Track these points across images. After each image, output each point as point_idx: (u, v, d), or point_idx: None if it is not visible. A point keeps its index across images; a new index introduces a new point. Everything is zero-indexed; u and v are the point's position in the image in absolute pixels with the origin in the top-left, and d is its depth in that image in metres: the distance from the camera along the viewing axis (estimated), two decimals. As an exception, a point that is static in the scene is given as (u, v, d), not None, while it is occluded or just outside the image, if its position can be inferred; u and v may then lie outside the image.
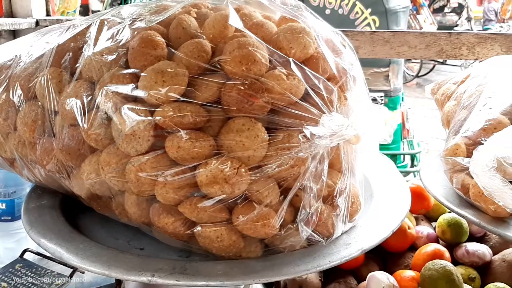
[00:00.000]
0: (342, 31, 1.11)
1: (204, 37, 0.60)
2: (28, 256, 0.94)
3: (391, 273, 0.90)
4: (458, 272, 0.84)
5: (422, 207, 1.04)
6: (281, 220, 0.57)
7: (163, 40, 0.60)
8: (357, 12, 3.16)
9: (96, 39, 0.64)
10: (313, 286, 0.88)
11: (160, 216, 0.58)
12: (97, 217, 0.72)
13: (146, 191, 0.57)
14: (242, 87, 0.55)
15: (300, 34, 0.62)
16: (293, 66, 0.59)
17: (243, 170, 0.54)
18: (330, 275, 0.94)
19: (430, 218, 1.07)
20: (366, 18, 3.17)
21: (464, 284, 0.87)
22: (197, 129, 0.56)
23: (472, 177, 0.64)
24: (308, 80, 0.61)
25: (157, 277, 0.54)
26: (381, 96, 3.22)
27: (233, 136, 0.55)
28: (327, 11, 3.18)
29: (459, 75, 0.96)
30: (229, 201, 0.56)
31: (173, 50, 0.59)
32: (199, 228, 0.56)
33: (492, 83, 0.79)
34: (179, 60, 0.58)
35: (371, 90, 3.59)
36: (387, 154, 3.10)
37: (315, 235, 0.61)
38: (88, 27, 0.68)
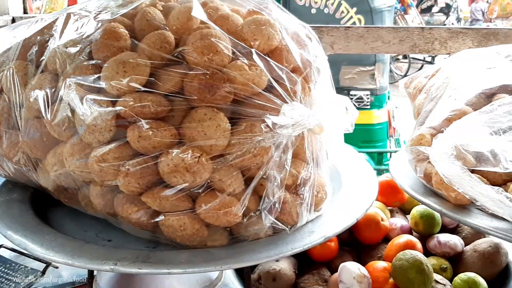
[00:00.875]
0: (317, 26, 1.13)
1: (168, 28, 0.60)
2: (3, 252, 0.94)
3: (364, 264, 0.91)
4: (429, 262, 0.85)
5: (396, 200, 1.05)
6: (244, 208, 0.58)
7: (126, 31, 0.60)
8: (342, 11, 3.19)
9: (62, 32, 0.65)
10: (287, 278, 0.89)
11: (123, 206, 0.58)
12: (68, 211, 0.72)
13: (109, 182, 0.57)
14: (203, 77, 0.56)
15: (264, 26, 0.63)
16: (255, 57, 0.60)
17: (204, 159, 0.55)
18: (304, 267, 0.95)
19: (405, 210, 1.08)
20: (351, 17, 3.20)
21: (436, 274, 0.89)
22: (159, 119, 0.56)
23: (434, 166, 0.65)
24: (272, 71, 0.61)
25: (119, 265, 0.55)
26: (367, 95, 3.24)
27: (195, 125, 0.56)
28: (313, 11, 3.20)
29: (430, 69, 0.97)
30: (192, 190, 0.56)
31: (136, 42, 0.60)
32: (162, 217, 0.57)
33: (458, 75, 0.80)
34: (141, 51, 0.58)
35: (357, 89, 3.61)
36: (373, 152, 3.11)
37: (280, 224, 0.62)
38: (55, 20, 0.69)
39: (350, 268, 0.83)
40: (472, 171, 0.70)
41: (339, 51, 1.09)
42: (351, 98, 3.12)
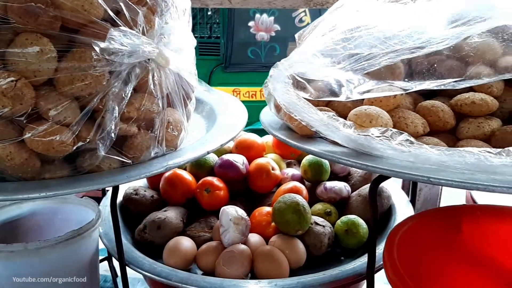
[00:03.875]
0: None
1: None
2: None
3: (255, 212, 0.93)
4: (306, 203, 0.87)
5: (291, 151, 1.07)
6: (74, 137, 0.57)
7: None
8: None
9: None
10: (173, 226, 0.89)
11: None
12: None
13: None
14: (24, 0, 0.54)
15: (104, -45, 0.61)
16: (88, -16, 0.58)
17: (22, 83, 0.53)
18: (194, 216, 0.95)
19: (303, 162, 1.10)
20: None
21: (318, 217, 0.91)
22: (-21, 45, 0.54)
23: (284, 99, 0.66)
24: (111, 1, 0.60)
25: None
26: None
27: (16, 50, 0.54)
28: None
29: (319, 19, 0.98)
30: (15, 116, 0.55)
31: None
32: (-14, 146, 0.55)
33: (328, 19, 0.81)
34: (-39, -25, 0.56)
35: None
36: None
37: (122, 157, 0.62)
38: None
39: (228, 211, 0.84)
40: (326, 105, 0.71)
41: (237, 5, 1.09)
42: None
